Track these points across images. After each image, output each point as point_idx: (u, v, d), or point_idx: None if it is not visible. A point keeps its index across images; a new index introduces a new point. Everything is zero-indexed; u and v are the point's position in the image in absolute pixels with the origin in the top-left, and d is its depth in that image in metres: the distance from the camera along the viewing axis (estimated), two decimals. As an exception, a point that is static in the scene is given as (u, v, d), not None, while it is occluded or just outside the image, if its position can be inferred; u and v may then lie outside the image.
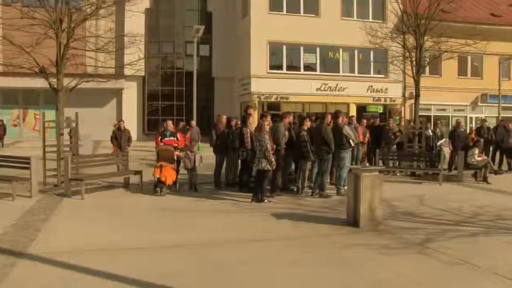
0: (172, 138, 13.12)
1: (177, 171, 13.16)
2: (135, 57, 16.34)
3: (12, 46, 14.75)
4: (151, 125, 37.10)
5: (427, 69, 28.34)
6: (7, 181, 12.09)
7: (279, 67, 33.98)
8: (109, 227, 8.91)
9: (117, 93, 36.01)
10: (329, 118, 12.88)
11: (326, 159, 12.30)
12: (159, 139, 13.19)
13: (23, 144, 24.27)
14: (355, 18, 33.57)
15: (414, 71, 19.79)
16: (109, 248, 7.51)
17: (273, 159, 11.23)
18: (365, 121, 18.28)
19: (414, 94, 20.41)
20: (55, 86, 13.88)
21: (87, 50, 15.50)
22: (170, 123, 13.46)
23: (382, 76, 34.94)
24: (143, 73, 29.31)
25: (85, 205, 11.16)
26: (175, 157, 12.89)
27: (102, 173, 13.55)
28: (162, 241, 8.00)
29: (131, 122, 33.93)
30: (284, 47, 33.80)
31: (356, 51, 34.37)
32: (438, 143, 17.51)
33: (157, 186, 12.49)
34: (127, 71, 20.13)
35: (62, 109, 14.01)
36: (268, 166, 11.20)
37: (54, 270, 6.42)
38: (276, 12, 33.02)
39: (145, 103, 37.74)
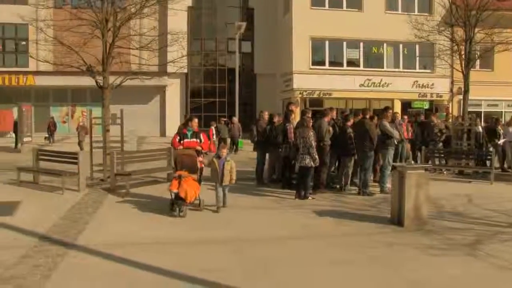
0: (194, 139, 10.67)
1: (200, 181, 10.42)
2: (178, 54, 16.44)
3: (62, 46, 15.14)
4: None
5: (477, 62, 27.38)
6: (57, 175, 12.55)
7: (322, 62, 33.67)
8: (152, 222, 9.06)
9: (161, 90, 36.47)
10: (368, 114, 12.69)
11: (368, 156, 12.10)
12: (177, 139, 10.67)
13: (72, 140, 24.89)
14: (399, 11, 32.86)
15: (463, 65, 19.12)
16: (152, 242, 7.66)
17: (316, 156, 11.12)
18: (406, 117, 17.89)
19: (462, 89, 19.78)
20: (101, 84, 14.16)
21: (132, 49, 15.72)
22: (196, 121, 11.05)
23: (428, 71, 34.12)
24: (185, 70, 29.58)
25: (129, 199, 11.34)
26: (198, 165, 10.28)
27: (146, 168, 13.72)
28: (204, 237, 8.06)
29: (174, 118, 34.37)
30: (327, 42, 33.47)
31: (400, 46, 33.70)
32: (499, 142, 16.88)
33: (174, 204, 9.65)
34: (170, 69, 20.33)
35: (108, 106, 14.27)
36: (312, 163, 11.10)
37: (100, 261, 6.61)
38: (318, 8, 32.68)
39: (188, 100, 38.08)
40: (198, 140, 10.68)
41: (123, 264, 6.45)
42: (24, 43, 34.65)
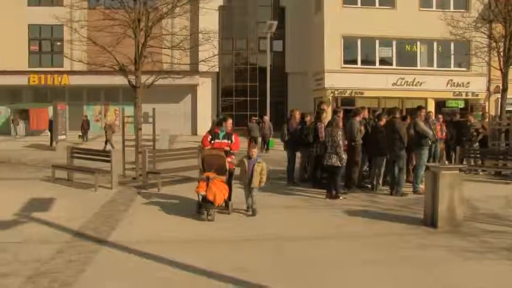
0: (226, 140, 9.98)
1: (230, 184, 9.88)
2: (209, 53, 16.53)
3: (95, 46, 15.39)
4: (225, 120, 37.55)
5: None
6: (90, 173, 12.77)
7: (354, 61, 33.41)
8: (183, 220, 9.13)
9: (192, 89, 36.72)
10: (399, 113, 12.52)
11: (401, 156, 11.93)
12: (209, 139, 10.08)
13: (105, 138, 25.25)
14: (434, 8, 32.31)
15: (502, 63, 18.62)
16: (183, 240, 7.72)
17: (343, 156, 11.03)
18: (440, 116, 17.55)
19: (500, 87, 19.30)
20: (134, 83, 14.33)
21: (163, 48, 15.87)
22: (230, 121, 10.36)
23: (464, 69, 33.47)
24: (217, 69, 29.82)
25: (161, 197, 11.43)
26: (227, 166, 9.60)
27: (177, 167, 13.82)
28: (235, 236, 8.07)
29: (206, 117, 34.58)
30: (359, 40, 33.18)
31: (435, 44, 33.19)
32: None
33: (201, 207, 9.31)
34: (202, 68, 20.44)
35: (140, 104, 14.44)
36: (339, 162, 11.01)
37: (132, 258, 6.70)
38: (350, 6, 32.44)
39: (219, 98, 38.27)
40: (230, 142, 9.96)
41: (154, 261, 6.52)
42: (59, 43, 35.34)
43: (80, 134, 30.44)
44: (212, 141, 9.98)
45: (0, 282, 5.69)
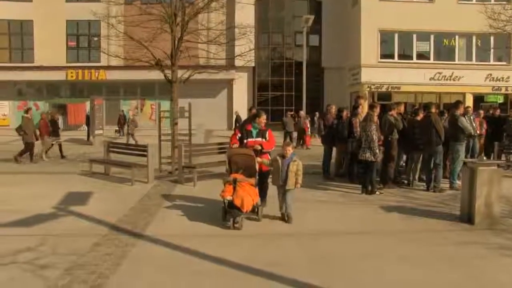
0: (260, 139, 9.13)
1: (264, 188, 9.38)
2: (245, 48, 16.52)
3: (132, 41, 15.57)
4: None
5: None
6: (127, 167, 12.95)
7: (391, 56, 33.00)
8: (218, 215, 9.11)
9: (228, 84, 36.82)
10: (435, 108, 12.28)
11: (438, 151, 11.72)
12: (238, 137, 9.29)
13: (141, 132, 25.59)
14: (473, 1, 31.59)
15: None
16: (219, 234, 7.77)
17: (377, 151, 10.93)
18: (481, 111, 17.15)
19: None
20: (170, 78, 14.44)
21: (200, 43, 15.93)
22: (264, 117, 9.35)
23: (504, 63, 32.71)
24: (253, 64, 29.79)
25: (196, 192, 11.52)
26: (257, 167, 8.70)
27: (213, 161, 13.89)
28: (270, 230, 8.07)
29: (242, 112, 34.63)
30: (396, 35, 32.75)
31: (474, 37, 32.50)
32: None
33: (228, 213, 8.32)
34: (238, 62, 20.47)
35: (176, 99, 14.55)
36: (372, 157, 10.91)
37: (167, 252, 6.79)
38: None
39: (255, 93, 38.30)
40: (264, 140, 9.11)
41: (189, 255, 6.57)
42: (96, 38, 35.92)
43: (117, 128, 30.93)
44: (245, 140, 9.10)
45: (39, 274, 5.82)
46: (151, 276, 5.85)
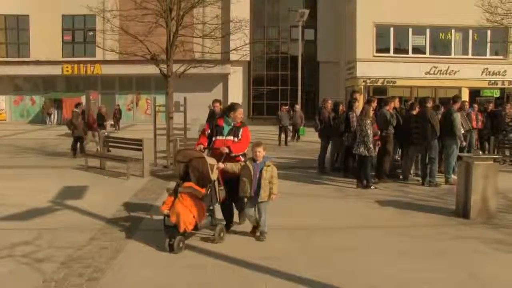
0: (231, 137, 7.37)
1: (235, 201, 7.50)
2: (240, 42, 16.50)
3: (127, 35, 15.54)
4: (256, 109, 37.70)
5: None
6: (122, 161, 12.94)
7: (386, 50, 33.03)
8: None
9: (224, 78, 36.83)
10: (431, 102, 12.30)
11: (433, 146, 11.75)
12: (206, 134, 7.59)
13: (136, 127, 25.64)
14: (470, -5, 31.61)
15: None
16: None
17: (371, 146, 10.95)
18: (476, 106, 17.18)
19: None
20: (165, 72, 14.41)
21: (195, 37, 15.90)
22: (241, 111, 7.66)
23: (500, 57, 32.74)
24: (248, 58, 29.72)
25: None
26: (215, 174, 6.83)
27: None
28: (268, 224, 8.06)
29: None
30: (392, 29, 32.76)
31: (470, 31, 32.53)
32: None
33: (165, 231, 6.70)
34: (233, 57, 20.48)
35: (172, 93, 14.53)
36: (366, 152, 10.93)
37: (161, 249, 6.72)
38: (384, -7, 32.00)
39: (251, 87, 38.32)
40: (235, 138, 7.37)
41: (187, 249, 6.55)
42: (91, 33, 35.86)
43: (112, 123, 30.90)
44: (214, 138, 7.45)
45: (36, 267, 5.84)
46: (147, 270, 5.85)
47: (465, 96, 30.32)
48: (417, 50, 33.41)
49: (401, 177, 12.60)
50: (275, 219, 8.40)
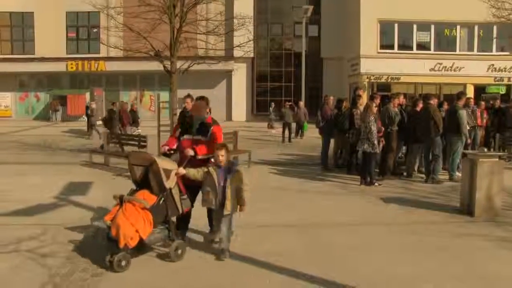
0: (198, 137, 6.53)
1: (172, 213, 6.10)
2: (244, 39, 16.49)
3: (131, 32, 15.55)
4: (260, 106, 37.68)
5: None
6: (125, 157, 12.92)
7: (390, 46, 32.86)
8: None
9: (227, 75, 36.76)
10: (434, 100, 12.27)
11: (436, 143, 11.72)
12: (177, 133, 6.87)
13: (140, 123, 25.59)
14: (475, -10, 31.42)
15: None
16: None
17: (375, 142, 10.91)
18: (483, 103, 17.08)
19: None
20: (169, 69, 14.42)
21: (199, 34, 15.90)
22: (188, 101, 7.26)
23: (507, 53, 32.43)
24: (252, 55, 29.72)
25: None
26: (172, 181, 5.97)
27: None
28: (270, 220, 8.09)
29: (241, 103, 34.60)
30: (396, 25, 32.59)
31: (476, 27, 32.29)
32: None
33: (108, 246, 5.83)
34: (237, 53, 20.42)
35: (175, 90, 14.54)
36: (370, 149, 10.92)
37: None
38: (388, -11, 31.85)
39: (254, 84, 38.26)
40: (204, 138, 6.50)
41: (189, 244, 6.57)
42: (96, 30, 35.88)
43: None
44: (182, 138, 6.74)
45: (41, 262, 5.88)
46: (152, 265, 5.87)
47: (470, 93, 30.17)
48: (422, 46, 33.24)
49: (405, 174, 12.58)
50: (277, 215, 8.44)
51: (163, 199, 5.92)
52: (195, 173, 6.13)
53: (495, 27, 30.67)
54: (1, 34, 38.03)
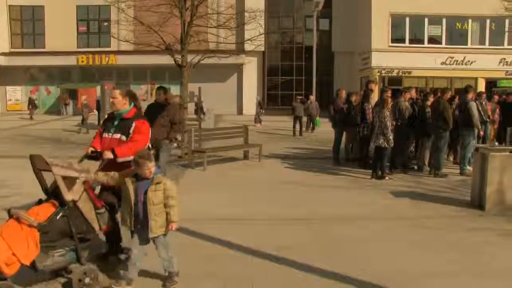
0: (119, 135, 5.40)
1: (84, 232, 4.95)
2: (255, 32, 16.50)
3: (142, 26, 15.59)
4: (271, 99, 37.65)
5: None
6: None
7: (402, 40, 32.72)
8: (229, 199, 9.17)
9: (238, 68, 36.76)
10: (447, 94, 12.23)
11: (442, 137, 11.66)
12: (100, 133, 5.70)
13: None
14: (487, -16, 31.19)
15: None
16: (229, 219, 7.77)
17: (391, 137, 10.88)
18: (496, 97, 16.93)
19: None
20: (180, 62, 14.45)
21: (209, 27, 15.92)
22: (114, 93, 5.56)
23: (519, 47, 32.24)
24: (263, 48, 29.65)
25: (206, 176, 11.57)
26: (77, 192, 4.86)
27: (223, 146, 13.93)
28: (281, 214, 8.09)
29: (251, 96, 34.57)
30: (407, 19, 32.43)
31: (487, 21, 32.07)
32: None
33: None
34: (248, 47, 20.43)
35: (186, 84, 14.58)
36: (386, 143, 10.87)
37: (178, 234, 6.70)
38: (399, -17, 31.67)
39: (265, 77, 38.24)
40: (123, 137, 5.37)
41: (200, 239, 6.59)
42: (106, 23, 35.97)
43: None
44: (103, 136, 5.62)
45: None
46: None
47: (482, 87, 30.03)
48: (433, 40, 33.06)
49: (416, 168, 12.54)
50: (288, 209, 8.45)
51: (61, 214, 4.72)
52: (108, 179, 5.04)
53: (506, 21, 30.49)
54: (12, 28, 38.24)
